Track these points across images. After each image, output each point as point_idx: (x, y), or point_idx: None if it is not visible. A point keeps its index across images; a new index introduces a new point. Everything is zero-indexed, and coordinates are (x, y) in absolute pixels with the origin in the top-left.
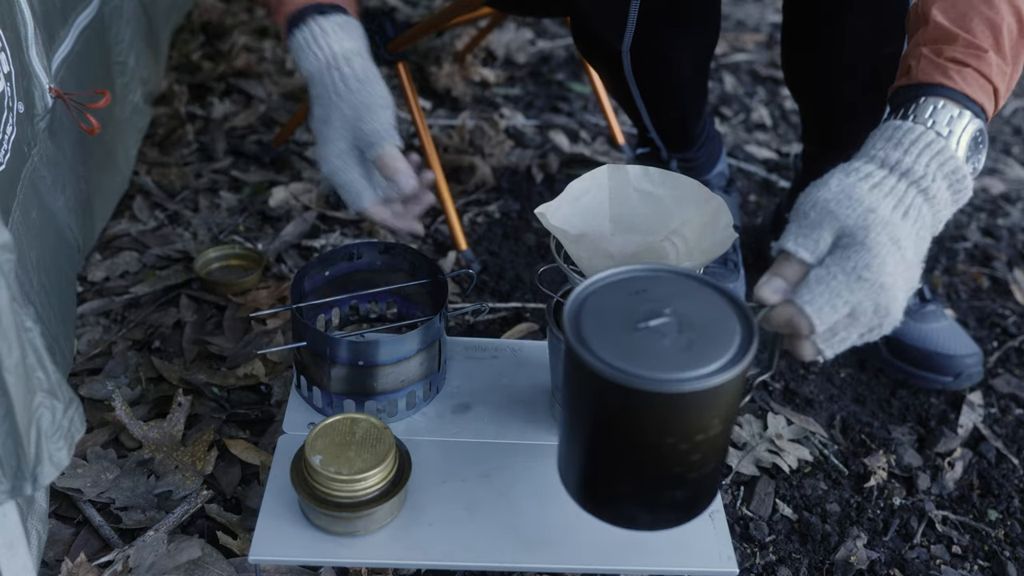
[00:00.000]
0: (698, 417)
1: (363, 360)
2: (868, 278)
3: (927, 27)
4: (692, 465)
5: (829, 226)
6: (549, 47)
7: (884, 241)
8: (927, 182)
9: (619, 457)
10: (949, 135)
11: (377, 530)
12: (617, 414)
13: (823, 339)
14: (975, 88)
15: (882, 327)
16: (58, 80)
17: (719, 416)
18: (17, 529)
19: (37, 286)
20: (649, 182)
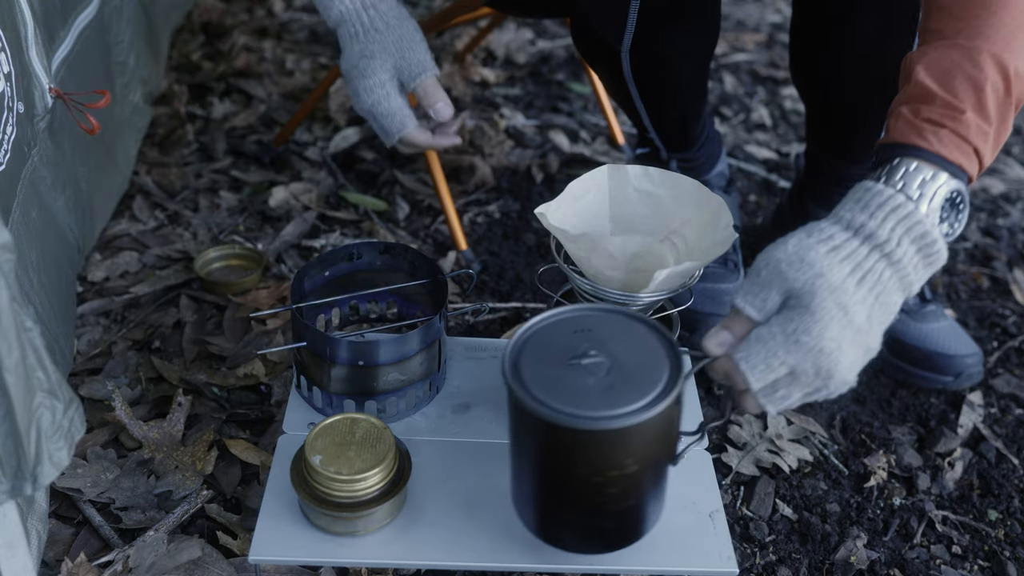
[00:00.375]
0: (608, 454)
1: (363, 360)
2: (806, 342)
3: (909, 85)
4: (610, 498)
5: (778, 287)
6: (549, 47)
7: (829, 307)
8: (891, 247)
9: (543, 481)
10: (919, 198)
11: (377, 530)
12: (537, 441)
13: (763, 395)
14: (951, 149)
15: (828, 388)
16: (58, 80)
17: (632, 456)
18: (17, 529)
19: (37, 286)
20: (649, 182)
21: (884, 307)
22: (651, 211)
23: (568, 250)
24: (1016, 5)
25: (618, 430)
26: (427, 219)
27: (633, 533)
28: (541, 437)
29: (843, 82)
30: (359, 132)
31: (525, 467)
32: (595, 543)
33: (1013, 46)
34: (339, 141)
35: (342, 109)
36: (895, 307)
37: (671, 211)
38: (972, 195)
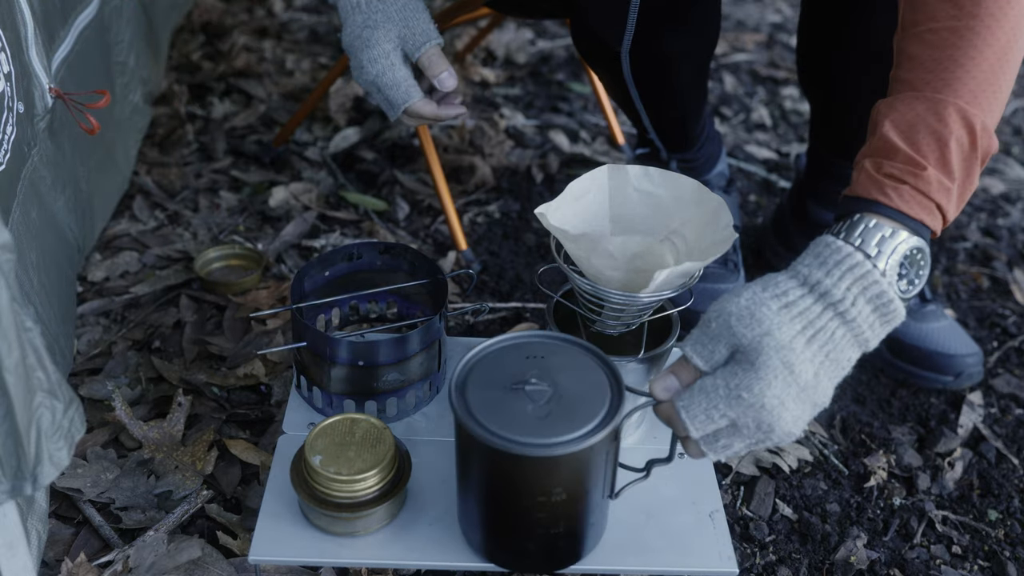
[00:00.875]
0: (536, 480)
1: (363, 360)
2: (746, 399)
3: (875, 138)
4: (537, 522)
5: (726, 341)
6: (549, 47)
7: (775, 364)
8: (845, 305)
9: (479, 499)
10: (877, 255)
11: (377, 530)
12: (474, 461)
13: (705, 443)
14: (912, 205)
15: (771, 440)
16: (58, 80)
17: (560, 484)
18: (17, 529)
19: (37, 286)
20: (649, 182)
21: (835, 364)
22: (651, 211)
23: (568, 250)
24: (985, 59)
25: (547, 458)
26: (427, 219)
27: (561, 559)
28: (477, 457)
29: (852, 81)
30: (359, 132)
31: (465, 486)
32: (525, 563)
33: (980, 100)
34: (339, 141)
35: (342, 109)
36: (849, 363)
37: (671, 211)
38: (972, 195)
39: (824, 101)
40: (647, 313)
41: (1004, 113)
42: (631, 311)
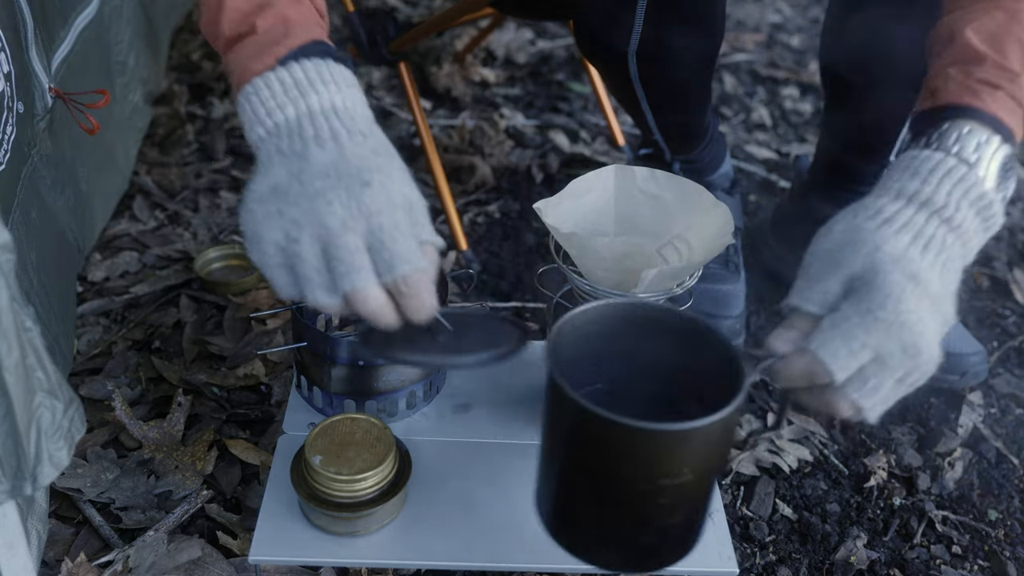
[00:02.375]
0: (663, 459)
1: (363, 360)
2: (883, 318)
3: (954, 46)
4: (658, 510)
5: (835, 276)
6: (549, 47)
7: (897, 279)
8: (950, 211)
9: (584, 487)
10: (977, 162)
11: (377, 530)
12: (582, 440)
13: (854, 388)
14: (1007, 112)
15: (919, 369)
16: (58, 80)
17: (688, 465)
18: (17, 529)
19: (37, 286)
20: (655, 185)
21: (952, 273)
22: (655, 214)
23: (565, 248)
24: None
25: (673, 432)
26: None
27: (671, 553)
28: (588, 436)
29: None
30: None
31: (560, 470)
32: (632, 559)
33: None
34: None
35: None
36: (958, 275)
37: (675, 215)
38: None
39: (853, 100)
40: None
41: None
42: None
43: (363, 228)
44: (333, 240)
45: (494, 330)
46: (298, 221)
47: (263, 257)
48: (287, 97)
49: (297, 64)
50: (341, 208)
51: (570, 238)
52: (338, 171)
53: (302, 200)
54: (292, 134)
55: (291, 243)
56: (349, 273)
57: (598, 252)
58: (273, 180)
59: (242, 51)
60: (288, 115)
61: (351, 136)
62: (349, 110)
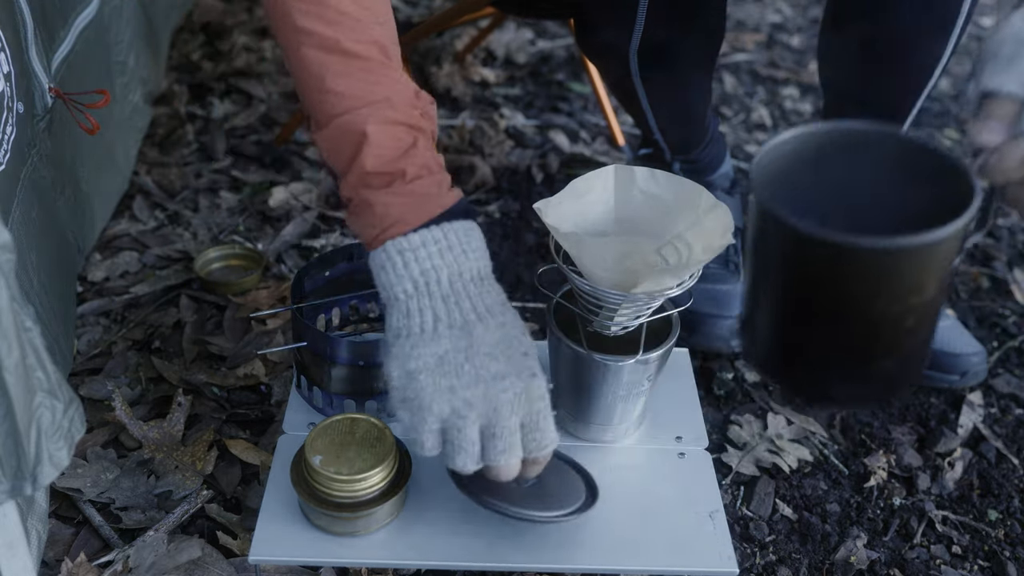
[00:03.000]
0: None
1: (363, 360)
2: None
3: None
4: (905, 332)
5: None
6: (549, 47)
7: None
8: None
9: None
10: None
11: (377, 530)
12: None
13: None
14: None
15: None
16: (58, 80)
17: (935, 276)
18: (17, 529)
19: (37, 286)
20: (655, 185)
21: None
22: (656, 214)
23: (564, 248)
24: None
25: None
26: None
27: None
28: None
29: None
30: None
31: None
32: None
33: None
34: None
35: None
36: None
37: (675, 215)
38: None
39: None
40: (646, 313)
41: None
42: (629, 311)
43: (524, 412)
44: (500, 422)
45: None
46: (471, 402)
47: (421, 424)
48: (443, 260)
49: (450, 225)
50: (514, 396)
51: (570, 238)
52: (506, 355)
53: (478, 383)
54: (448, 301)
55: (456, 418)
56: (506, 451)
57: (598, 252)
58: (440, 351)
59: (392, 198)
60: (442, 279)
61: (502, 311)
62: (488, 278)
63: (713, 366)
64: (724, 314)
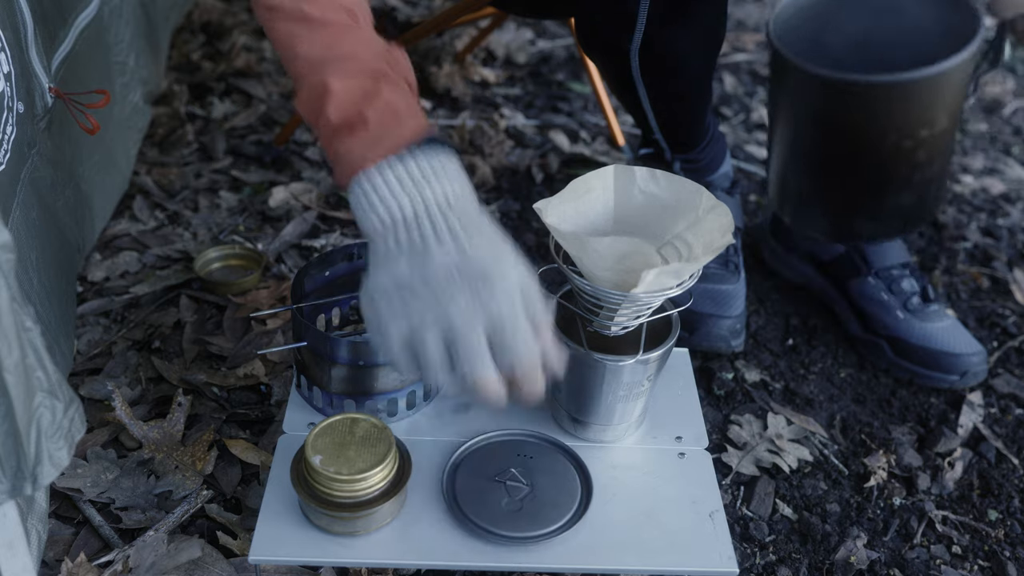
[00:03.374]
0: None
1: (363, 360)
2: None
3: None
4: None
5: None
6: (549, 47)
7: None
8: None
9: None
10: None
11: (377, 530)
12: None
13: None
14: None
15: None
16: (58, 80)
17: (945, 109)
18: (17, 529)
19: (37, 286)
20: (655, 185)
21: None
22: (655, 214)
23: (564, 248)
24: None
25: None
26: None
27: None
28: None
29: None
30: None
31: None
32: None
33: None
34: None
35: None
36: None
37: (675, 215)
38: (972, 195)
39: None
40: (646, 313)
41: (1004, 113)
42: (629, 311)
43: (484, 323)
44: (458, 337)
45: (562, 481)
46: (425, 319)
47: (387, 344)
48: (404, 190)
49: (411, 157)
50: (466, 306)
51: (570, 238)
52: (460, 270)
53: (429, 299)
54: (411, 228)
55: (416, 337)
56: (473, 365)
57: (598, 252)
58: (397, 274)
59: (354, 141)
60: (405, 208)
61: (467, 232)
62: (461, 202)
63: (713, 366)
64: (724, 314)
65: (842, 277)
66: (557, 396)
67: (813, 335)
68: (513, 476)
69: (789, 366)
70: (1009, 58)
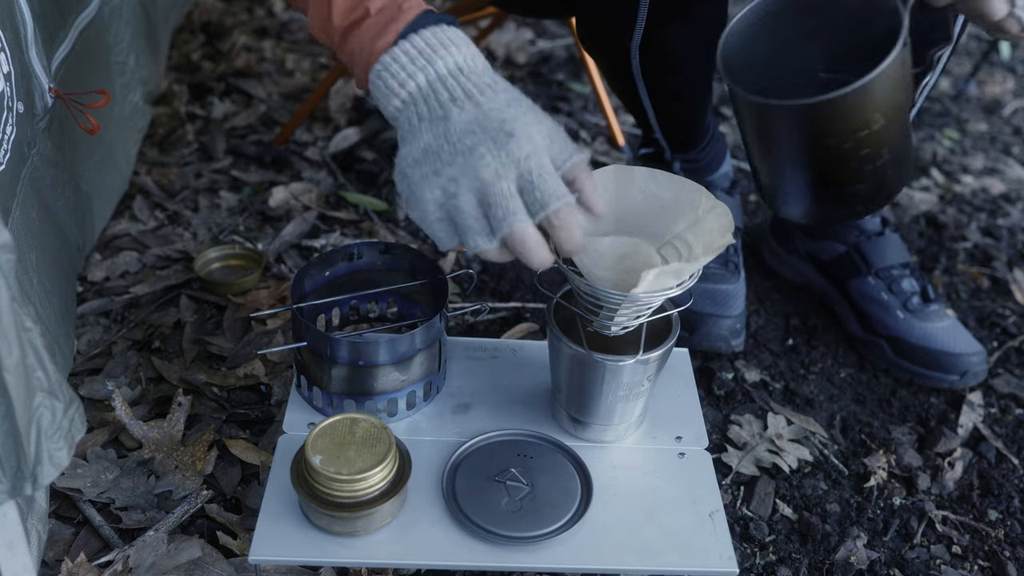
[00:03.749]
0: (852, 117)
1: (363, 360)
2: None
3: None
4: (865, 158)
5: None
6: (549, 47)
7: None
8: None
9: (791, 166)
10: None
11: (377, 530)
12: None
13: None
14: None
15: None
16: (58, 80)
17: (878, 109)
18: (17, 529)
19: (37, 286)
20: (655, 184)
21: None
22: (656, 214)
23: None
24: None
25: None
26: None
27: (891, 189)
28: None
29: None
30: (359, 132)
31: (781, 167)
32: (856, 208)
33: None
34: (339, 141)
35: (342, 109)
36: None
37: (675, 215)
38: (972, 195)
39: None
40: (646, 313)
41: (1004, 113)
42: (629, 311)
43: (514, 174)
44: (488, 189)
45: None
46: (455, 177)
47: (424, 215)
48: (415, 66)
49: (416, 35)
50: (493, 159)
51: None
52: (482, 126)
53: (455, 157)
54: (428, 99)
55: (450, 198)
56: (506, 217)
57: (598, 252)
58: (423, 144)
59: (362, 35)
60: (420, 82)
61: (482, 91)
62: (472, 66)
63: (713, 366)
64: (724, 314)
65: (842, 277)
66: (557, 396)
67: (813, 335)
68: (513, 476)
69: (789, 366)
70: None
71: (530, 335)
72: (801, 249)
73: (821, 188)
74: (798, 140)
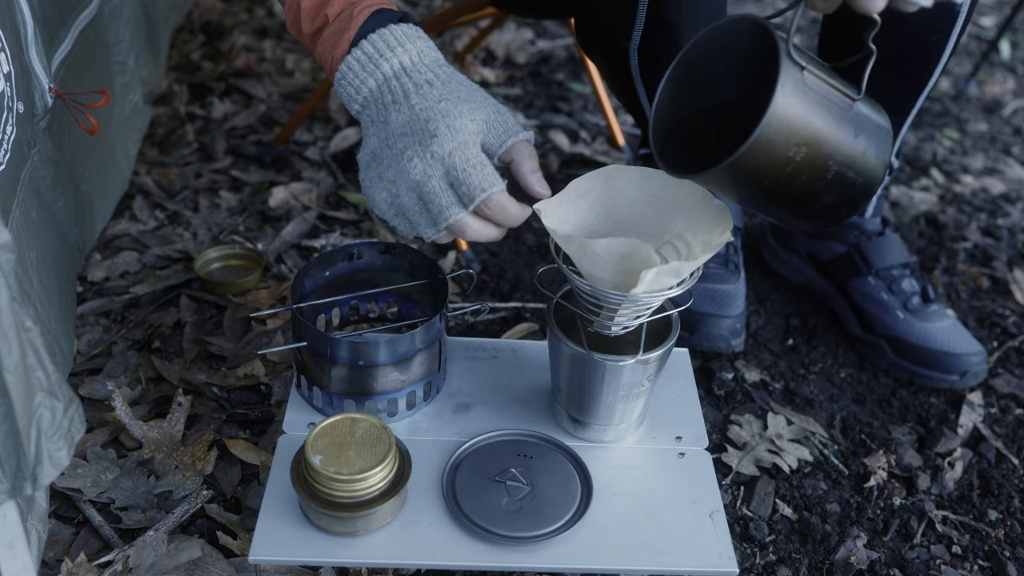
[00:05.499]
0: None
1: (363, 360)
2: None
3: None
4: (811, 179)
5: None
6: (549, 47)
7: None
8: None
9: (764, 205)
10: None
11: (377, 530)
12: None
13: None
14: None
15: None
16: (58, 80)
17: (793, 144)
18: (17, 529)
19: (37, 286)
20: (655, 185)
21: None
22: (654, 214)
23: (564, 249)
24: None
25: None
26: None
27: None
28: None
29: None
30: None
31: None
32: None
33: None
34: (339, 141)
35: (342, 109)
36: None
37: (674, 214)
38: (972, 195)
39: None
40: (646, 313)
41: (1004, 113)
42: (629, 311)
43: (441, 171)
44: (421, 189)
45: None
46: (394, 180)
47: (382, 212)
48: (366, 72)
49: (366, 40)
50: (420, 160)
51: (569, 239)
52: (411, 127)
53: (392, 161)
54: (377, 103)
55: (395, 198)
56: (442, 212)
57: (597, 253)
58: (371, 147)
59: (324, 43)
60: (371, 87)
61: (419, 88)
62: (416, 64)
63: (713, 366)
64: (724, 314)
65: (842, 277)
66: (557, 396)
67: (813, 335)
68: (513, 476)
69: (789, 366)
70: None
71: (530, 335)
72: (801, 249)
73: (795, 210)
74: (739, 188)
